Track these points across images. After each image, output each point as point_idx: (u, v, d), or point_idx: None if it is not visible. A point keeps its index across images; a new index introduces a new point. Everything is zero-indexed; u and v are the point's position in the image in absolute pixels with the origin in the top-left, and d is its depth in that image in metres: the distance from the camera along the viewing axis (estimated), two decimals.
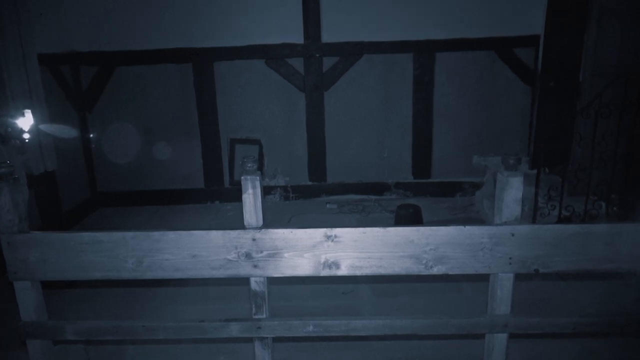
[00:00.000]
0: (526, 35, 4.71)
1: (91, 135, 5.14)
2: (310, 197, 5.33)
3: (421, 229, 1.67)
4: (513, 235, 1.66)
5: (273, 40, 4.91)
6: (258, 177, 1.65)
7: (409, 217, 4.33)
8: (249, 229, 1.69)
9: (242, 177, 1.65)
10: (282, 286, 3.30)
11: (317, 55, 4.95)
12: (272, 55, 4.96)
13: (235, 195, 5.22)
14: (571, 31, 3.80)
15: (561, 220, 3.73)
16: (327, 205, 5.15)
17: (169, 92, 5.10)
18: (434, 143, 5.19)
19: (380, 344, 2.70)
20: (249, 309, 1.79)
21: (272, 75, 5.04)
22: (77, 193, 4.93)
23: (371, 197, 5.26)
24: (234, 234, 1.68)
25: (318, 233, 1.67)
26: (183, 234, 1.67)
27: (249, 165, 1.64)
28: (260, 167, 5.28)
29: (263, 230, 1.68)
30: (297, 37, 4.92)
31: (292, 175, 5.33)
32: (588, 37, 3.83)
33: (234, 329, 1.76)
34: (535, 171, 3.79)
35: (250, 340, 1.83)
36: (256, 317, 1.77)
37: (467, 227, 1.66)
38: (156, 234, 1.68)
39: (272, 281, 1.82)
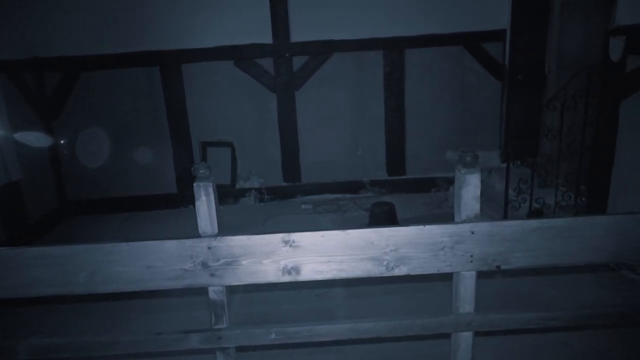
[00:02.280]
0: (493, 30, 4.73)
1: (59, 142, 5.00)
2: (285, 198, 5.29)
3: (381, 230, 1.64)
4: (473, 232, 1.64)
5: (241, 41, 4.85)
6: (211, 183, 1.60)
7: (383, 214, 4.31)
8: (204, 237, 1.63)
9: (195, 184, 1.60)
10: (256, 290, 3.26)
11: (287, 54, 4.90)
12: (241, 56, 4.90)
13: None
14: (535, 24, 3.83)
15: (532, 212, 3.76)
16: (303, 206, 5.11)
17: (137, 96, 4.99)
18: (407, 139, 5.19)
19: (354, 347, 2.67)
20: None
21: (242, 76, 4.97)
22: (46, 203, 4.80)
23: (346, 196, 5.24)
24: (188, 242, 1.62)
25: (275, 238, 1.63)
26: (136, 244, 1.61)
27: (201, 171, 1.59)
28: (234, 170, 5.22)
29: (219, 237, 1.63)
30: (265, 37, 4.86)
31: (266, 177, 5.27)
32: (551, 30, 3.86)
33: (194, 341, 1.71)
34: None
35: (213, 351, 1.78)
36: (216, 327, 1.72)
37: (427, 227, 1.64)
38: (108, 246, 1.61)
39: (244, 286, 1.76)
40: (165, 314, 3.14)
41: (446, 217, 4.64)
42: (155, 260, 1.63)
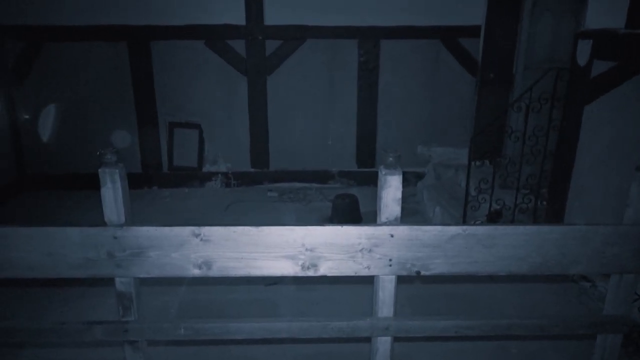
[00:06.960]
0: (470, 25, 4.64)
1: (20, 114, 4.86)
2: (252, 184, 5.21)
3: (296, 228, 1.57)
4: (392, 236, 1.58)
5: (214, 21, 4.72)
6: (118, 170, 1.52)
7: (345, 207, 4.26)
8: (110, 226, 1.56)
9: (100, 170, 1.52)
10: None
11: (260, 37, 4.78)
12: (213, 36, 4.77)
13: (175, 180, 5.05)
14: (508, 22, 3.76)
15: (491, 213, 3.72)
16: (269, 193, 5.03)
17: (103, 71, 4.85)
18: (378, 131, 5.12)
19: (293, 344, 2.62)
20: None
21: (213, 57, 4.85)
22: (1, 175, 4.67)
23: (314, 186, 5.17)
24: (93, 231, 1.55)
25: (185, 231, 1.55)
26: (36, 230, 1.53)
27: (108, 156, 1.51)
28: (201, 152, 5.12)
29: (125, 227, 1.55)
30: (239, 18, 4.74)
31: (233, 162, 5.18)
32: (521, 30, 3.78)
33: (98, 332, 1.64)
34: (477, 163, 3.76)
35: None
36: (123, 319, 1.66)
37: (344, 227, 1.58)
38: (6, 230, 1.53)
39: None
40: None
41: (410, 212, 4.62)
42: (58, 248, 1.55)
